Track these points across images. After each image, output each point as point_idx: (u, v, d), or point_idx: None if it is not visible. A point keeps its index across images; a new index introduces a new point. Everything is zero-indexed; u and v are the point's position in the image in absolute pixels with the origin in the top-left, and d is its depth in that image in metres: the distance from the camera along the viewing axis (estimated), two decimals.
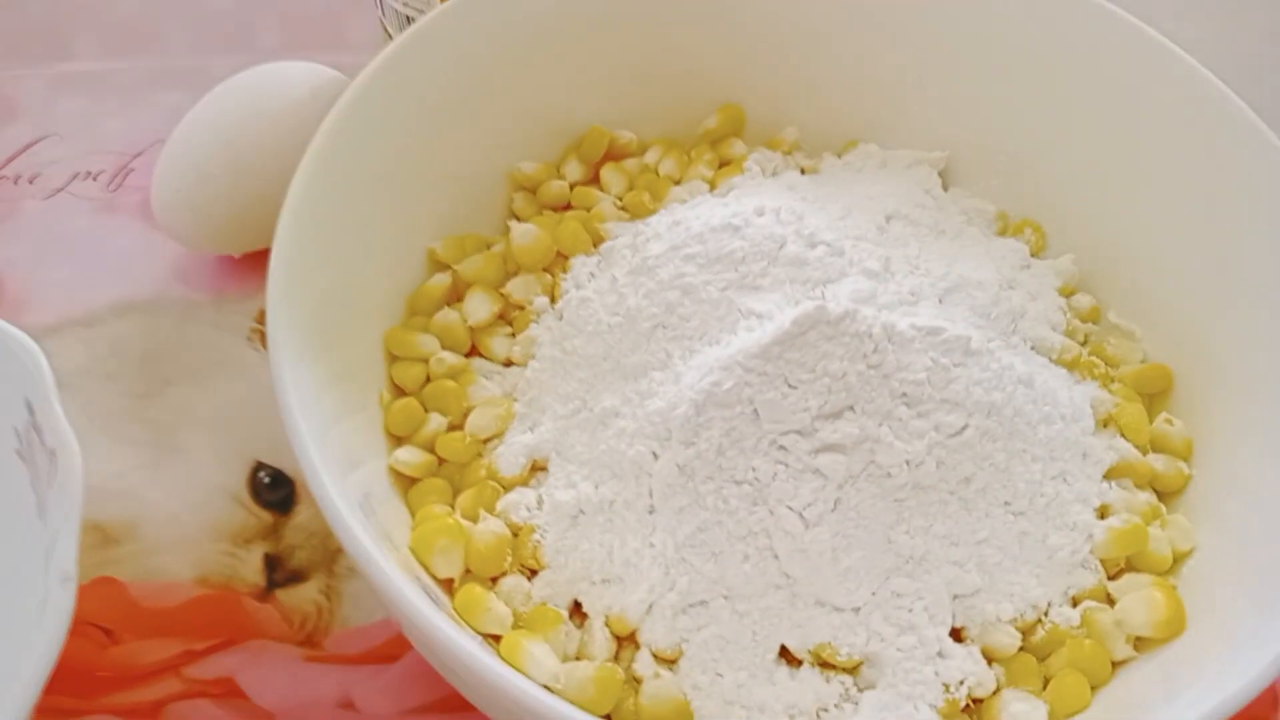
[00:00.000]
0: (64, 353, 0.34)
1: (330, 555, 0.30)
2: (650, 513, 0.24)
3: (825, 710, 0.23)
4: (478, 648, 0.20)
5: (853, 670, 0.24)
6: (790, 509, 0.23)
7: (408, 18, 0.36)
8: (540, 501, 0.25)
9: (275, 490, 0.31)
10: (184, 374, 0.34)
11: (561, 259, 0.30)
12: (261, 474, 0.31)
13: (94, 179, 0.38)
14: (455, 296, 0.30)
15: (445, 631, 0.20)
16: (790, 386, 0.24)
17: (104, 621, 0.29)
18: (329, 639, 0.29)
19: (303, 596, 0.29)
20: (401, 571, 0.21)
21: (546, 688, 0.22)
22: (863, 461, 0.24)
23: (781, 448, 0.23)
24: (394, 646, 0.29)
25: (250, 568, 0.30)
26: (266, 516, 0.31)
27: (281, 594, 0.29)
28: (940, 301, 0.27)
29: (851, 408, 0.24)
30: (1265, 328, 0.28)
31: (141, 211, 0.37)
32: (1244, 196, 0.29)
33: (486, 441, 0.27)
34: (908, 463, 0.24)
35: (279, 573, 0.30)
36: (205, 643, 0.29)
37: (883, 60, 0.33)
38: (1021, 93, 0.32)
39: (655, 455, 0.24)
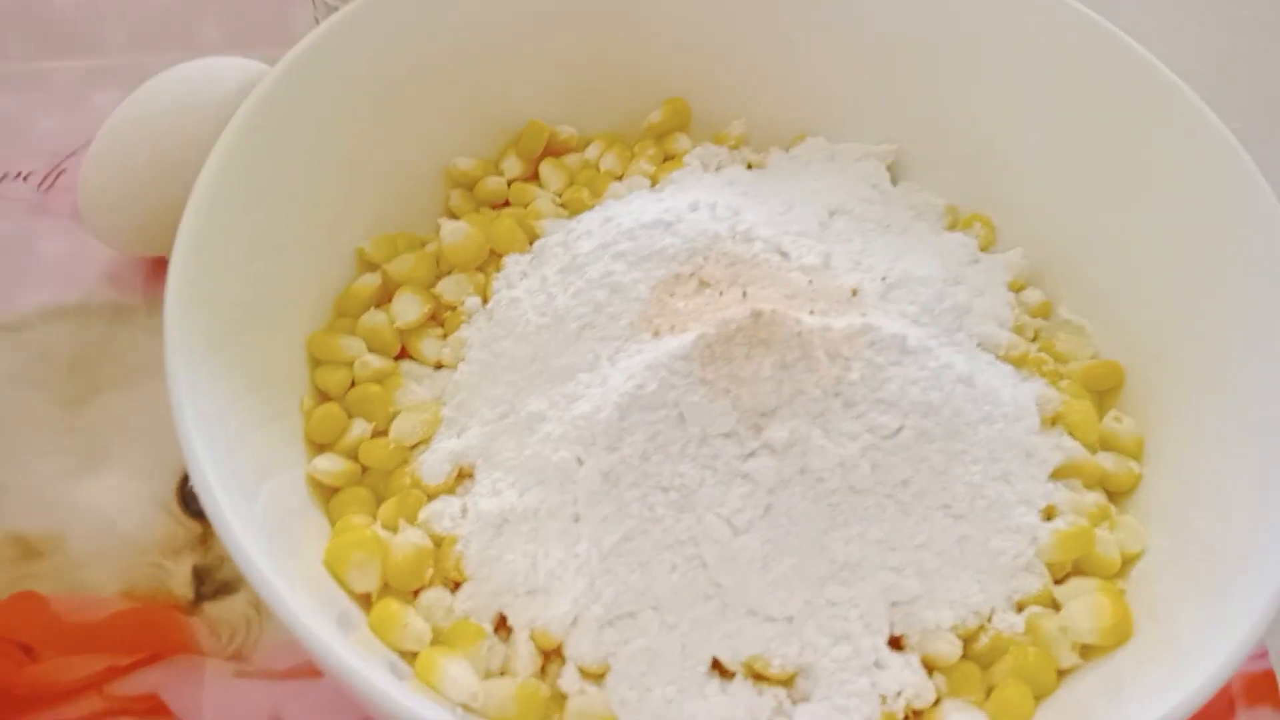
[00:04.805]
0: None
1: None
2: (575, 521, 0.23)
3: None
4: (377, 674, 0.19)
5: (786, 682, 0.23)
6: (719, 516, 0.22)
7: (335, 8, 0.35)
8: (465, 510, 0.25)
9: None
10: (113, 381, 0.33)
11: (496, 257, 0.29)
12: (190, 483, 0.30)
13: (24, 180, 0.37)
14: (386, 297, 0.29)
15: (342, 661, 0.19)
16: (717, 389, 0.23)
17: (24, 638, 0.28)
18: (258, 653, 0.28)
19: (231, 609, 0.28)
20: (305, 593, 0.20)
21: (465, 707, 0.21)
22: (794, 466, 0.23)
23: (709, 453, 0.23)
24: None
25: (178, 580, 0.29)
26: (195, 527, 0.30)
27: (210, 606, 0.28)
28: (883, 297, 0.27)
29: (781, 410, 0.23)
30: (1218, 323, 0.27)
31: (73, 213, 0.36)
32: (1198, 190, 0.28)
33: (413, 448, 0.26)
34: (841, 466, 0.23)
35: (207, 585, 0.29)
36: (130, 658, 0.28)
37: (832, 52, 0.33)
38: (973, 85, 0.31)
39: (580, 461, 0.23)
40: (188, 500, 0.30)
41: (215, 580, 0.29)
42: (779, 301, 0.23)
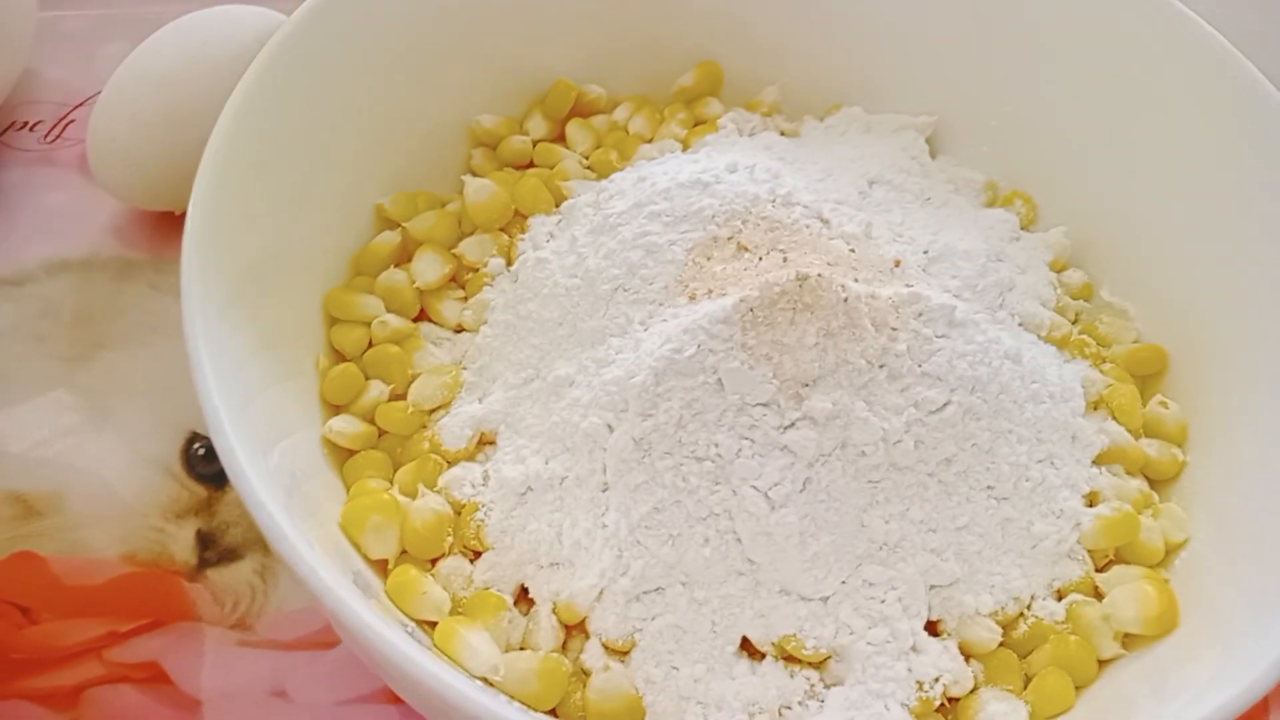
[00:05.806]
0: None
1: None
2: (603, 490, 0.22)
3: (789, 708, 0.22)
4: (401, 638, 0.18)
5: (819, 665, 0.22)
6: (755, 489, 0.21)
7: None
8: (486, 477, 0.24)
9: (210, 463, 0.29)
10: (118, 337, 0.32)
11: (520, 219, 0.28)
12: (196, 445, 0.29)
13: (31, 129, 0.36)
14: (404, 257, 0.28)
15: (363, 619, 0.18)
16: (758, 355, 0.22)
17: (22, 599, 0.27)
18: (262, 622, 0.27)
19: (236, 576, 0.28)
20: (322, 554, 0.19)
21: (485, 680, 0.21)
22: (835, 439, 0.22)
23: (747, 422, 0.22)
24: (331, 633, 0.27)
25: (181, 544, 0.28)
26: (200, 490, 0.29)
27: (213, 573, 0.28)
28: (924, 270, 0.26)
29: (824, 380, 0.22)
30: (1266, 307, 0.26)
31: (80, 165, 0.35)
32: (1248, 167, 0.27)
33: (431, 412, 0.25)
34: (884, 441, 0.22)
35: (211, 550, 0.28)
36: (130, 624, 0.27)
37: (870, 18, 0.32)
38: (1015, 56, 0.30)
39: (610, 428, 0.22)
40: (193, 462, 0.29)
41: (220, 546, 0.28)
42: (821, 268, 0.22)
